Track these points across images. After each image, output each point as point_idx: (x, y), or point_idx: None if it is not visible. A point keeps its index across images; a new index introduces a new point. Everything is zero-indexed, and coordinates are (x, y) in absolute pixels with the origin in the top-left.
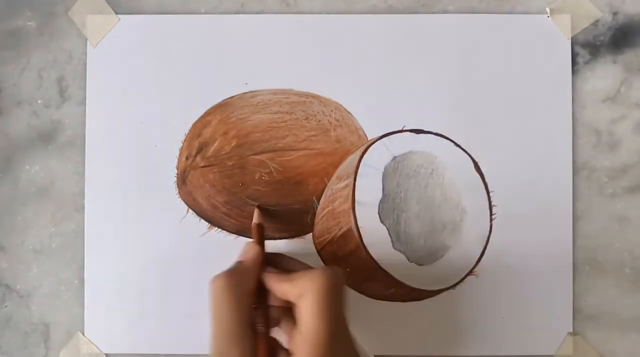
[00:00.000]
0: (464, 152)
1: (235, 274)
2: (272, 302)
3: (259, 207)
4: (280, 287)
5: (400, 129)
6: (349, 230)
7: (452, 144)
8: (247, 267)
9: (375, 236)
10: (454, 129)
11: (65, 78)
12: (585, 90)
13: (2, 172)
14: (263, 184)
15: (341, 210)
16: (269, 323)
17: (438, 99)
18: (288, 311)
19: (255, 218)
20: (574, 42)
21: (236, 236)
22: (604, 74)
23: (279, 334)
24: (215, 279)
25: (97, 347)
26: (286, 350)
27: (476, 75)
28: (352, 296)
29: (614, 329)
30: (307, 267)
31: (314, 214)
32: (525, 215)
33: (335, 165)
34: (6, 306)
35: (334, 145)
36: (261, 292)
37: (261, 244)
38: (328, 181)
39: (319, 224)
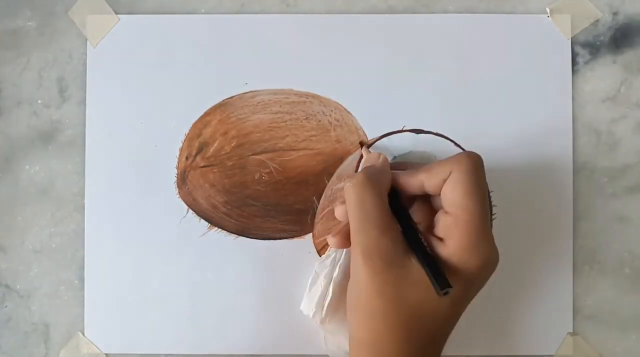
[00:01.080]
0: None
1: (372, 172)
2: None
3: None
4: (416, 180)
5: (400, 129)
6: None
7: (452, 144)
8: (382, 168)
9: None
10: (454, 129)
11: (65, 78)
12: (585, 90)
13: (2, 172)
14: (263, 184)
15: None
16: (410, 216)
17: (438, 99)
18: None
19: (364, 152)
20: (574, 42)
21: (236, 236)
22: (604, 74)
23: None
24: (351, 177)
25: (97, 347)
26: (434, 237)
27: (476, 75)
28: None
29: (614, 329)
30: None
31: (314, 214)
32: (525, 215)
33: (335, 166)
34: (6, 306)
35: (334, 145)
36: (391, 195)
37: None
38: (328, 181)
39: (319, 224)
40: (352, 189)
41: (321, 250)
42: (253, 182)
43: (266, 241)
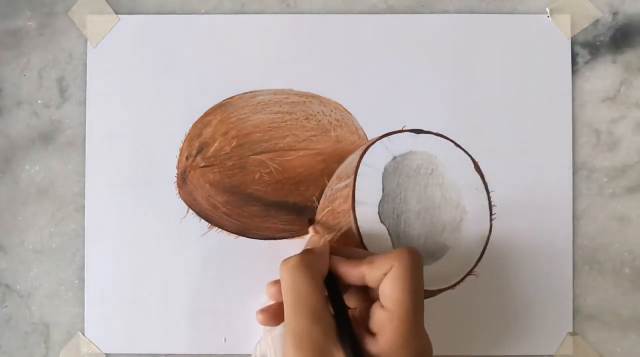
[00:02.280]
0: (464, 152)
1: (308, 256)
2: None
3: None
4: (357, 271)
5: (400, 129)
6: (349, 230)
7: (452, 144)
8: (319, 253)
9: (375, 236)
10: (454, 129)
11: (65, 78)
12: (585, 90)
13: (2, 172)
14: (263, 184)
15: (341, 210)
16: (345, 305)
17: (438, 99)
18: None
19: (311, 231)
20: (574, 42)
21: (236, 236)
22: (604, 74)
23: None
24: (286, 260)
25: (97, 347)
26: (365, 332)
27: (476, 75)
28: None
29: (614, 329)
30: (372, 254)
31: (314, 214)
32: (525, 215)
33: (335, 165)
34: (6, 306)
35: (334, 145)
36: (328, 280)
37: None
38: (328, 181)
39: (319, 224)
40: (286, 272)
41: None
42: (253, 182)
43: (266, 241)
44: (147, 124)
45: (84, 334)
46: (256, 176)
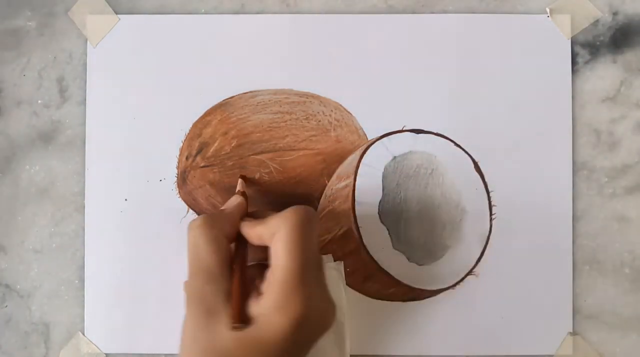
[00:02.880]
0: (464, 152)
1: (213, 216)
2: (251, 251)
3: (242, 177)
4: (255, 231)
5: (400, 129)
6: (349, 230)
7: (452, 144)
8: (227, 213)
9: (375, 236)
10: (454, 129)
11: (65, 78)
12: (585, 90)
13: (2, 172)
14: (263, 184)
15: (341, 210)
16: (245, 265)
17: (438, 99)
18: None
19: (239, 186)
20: (574, 42)
21: None
22: (604, 74)
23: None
24: (193, 220)
25: (97, 347)
26: (256, 293)
27: (476, 75)
28: (352, 296)
29: (614, 329)
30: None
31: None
32: (525, 215)
33: (335, 166)
34: (6, 306)
35: (334, 145)
36: (240, 241)
37: (244, 198)
38: (328, 181)
39: (319, 224)
40: (189, 231)
41: (320, 250)
42: (253, 182)
43: None
44: (147, 124)
45: (84, 334)
46: (256, 176)
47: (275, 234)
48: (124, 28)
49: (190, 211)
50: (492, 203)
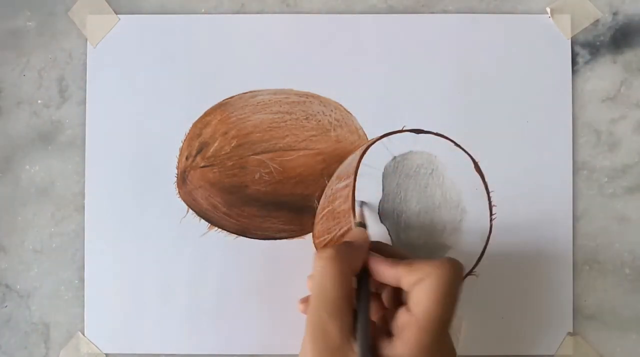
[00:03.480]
0: (464, 152)
1: (344, 249)
2: (371, 286)
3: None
4: (393, 271)
5: (400, 129)
6: (349, 230)
7: (452, 144)
8: (355, 246)
9: (375, 236)
10: (454, 129)
11: (65, 78)
12: (585, 90)
13: (2, 172)
14: (263, 184)
15: (341, 210)
16: (369, 301)
17: (438, 99)
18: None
19: (359, 216)
20: (574, 42)
21: (236, 236)
22: (604, 74)
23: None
24: (323, 250)
25: (97, 347)
26: (386, 331)
27: (476, 75)
28: None
29: (614, 329)
30: (415, 256)
31: (314, 214)
32: (525, 215)
33: (335, 165)
34: (6, 306)
35: (334, 145)
36: (363, 275)
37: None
38: (328, 181)
39: (319, 224)
40: (318, 261)
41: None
42: (253, 182)
43: (266, 241)
44: (147, 124)
45: (84, 334)
46: (256, 176)
47: (422, 281)
48: (124, 28)
49: (190, 211)
50: (492, 203)
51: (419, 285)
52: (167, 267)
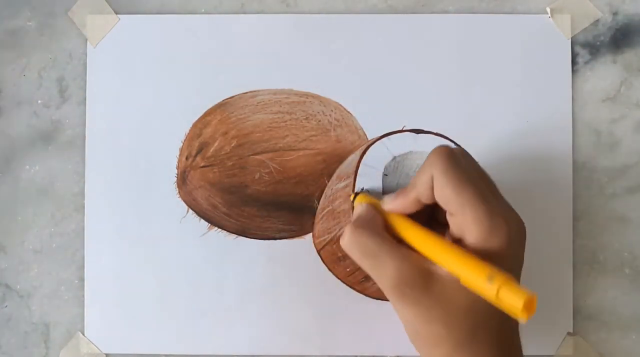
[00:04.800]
0: None
1: (356, 221)
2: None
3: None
4: (408, 199)
5: (400, 129)
6: None
7: (452, 144)
8: (365, 213)
9: None
10: (454, 129)
11: (65, 78)
12: (585, 90)
13: (2, 172)
14: (263, 184)
15: (341, 210)
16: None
17: (438, 99)
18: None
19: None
20: (574, 42)
21: (236, 236)
22: (604, 74)
23: None
24: (344, 232)
25: (97, 347)
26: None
27: (476, 75)
28: (352, 296)
29: (614, 329)
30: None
31: (314, 214)
32: (525, 215)
33: (335, 165)
34: (6, 306)
35: (334, 145)
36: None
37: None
38: (328, 181)
39: (319, 224)
40: (347, 243)
41: (321, 250)
42: (253, 182)
43: (266, 241)
44: (147, 124)
45: (84, 334)
46: (256, 176)
47: (434, 185)
48: (124, 28)
49: (190, 211)
50: None
51: (435, 192)
52: (167, 267)
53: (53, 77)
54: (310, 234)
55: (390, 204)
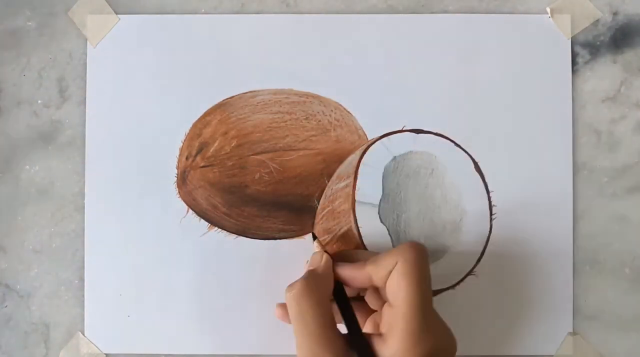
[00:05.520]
0: (464, 152)
1: (311, 279)
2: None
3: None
4: (362, 273)
5: (400, 129)
6: (349, 230)
7: (452, 144)
8: (321, 271)
9: (375, 236)
10: (454, 129)
11: (65, 78)
12: (585, 90)
13: (2, 172)
14: (263, 184)
15: (341, 210)
16: (354, 315)
17: (438, 99)
18: (362, 300)
19: (315, 247)
20: (574, 42)
21: (236, 236)
22: (604, 74)
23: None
24: (291, 287)
25: (97, 347)
26: (376, 336)
27: (476, 75)
28: None
29: (614, 329)
30: (377, 253)
31: (314, 214)
32: (525, 215)
33: (335, 165)
34: (6, 306)
35: (334, 145)
36: (336, 291)
37: (326, 251)
38: (328, 181)
39: (319, 224)
40: (292, 299)
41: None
42: (253, 182)
43: (266, 241)
44: (147, 124)
45: (83, 334)
46: (256, 176)
47: (392, 272)
48: (124, 28)
49: (190, 211)
50: (492, 203)
51: (391, 278)
52: (167, 267)
53: (53, 77)
54: (310, 234)
55: (342, 270)
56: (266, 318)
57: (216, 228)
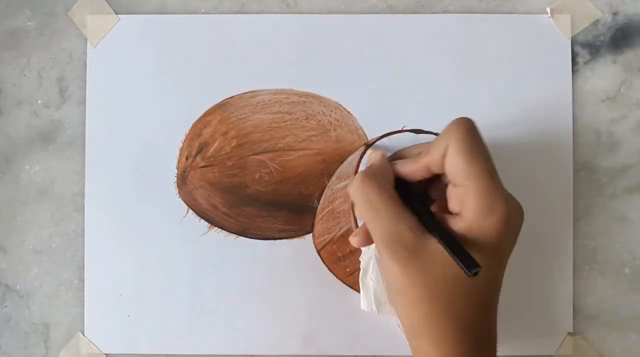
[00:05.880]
0: None
1: (369, 170)
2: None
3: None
4: (419, 165)
5: (400, 129)
6: (349, 230)
7: None
8: (378, 163)
9: None
10: None
11: (65, 78)
12: (585, 90)
13: (2, 172)
14: (263, 184)
15: (341, 210)
16: (421, 199)
17: (438, 99)
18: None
19: (369, 152)
20: (574, 42)
21: (236, 236)
22: (604, 74)
23: None
24: (353, 180)
25: (97, 347)
26: (447, 214)
27: (476, 75)
28: (352, 296)
29: (614, 329)
30: (428, 143)
31: (314, 214)
32: (526, 215)
33: (335, 165)
34: (6, 306)
35: (334, 145)
36: (401, 190)
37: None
38: (328, 181)
39: (319, 224)
40: (355, 191)
41: (321, 250)
42: (253, 182)
43: (266, 241)
44: (147, 124)
45: (83, 334)
46: (256, 176)
47: (446, 155)
48: (124, 28)
49: (190, 211)
50: None
51: (447, 160)
52: (167, 267)
53: (53, 77)
54: (310, 234)
55: (400, 166)
56: (266, 318)
57: (216, 228)
